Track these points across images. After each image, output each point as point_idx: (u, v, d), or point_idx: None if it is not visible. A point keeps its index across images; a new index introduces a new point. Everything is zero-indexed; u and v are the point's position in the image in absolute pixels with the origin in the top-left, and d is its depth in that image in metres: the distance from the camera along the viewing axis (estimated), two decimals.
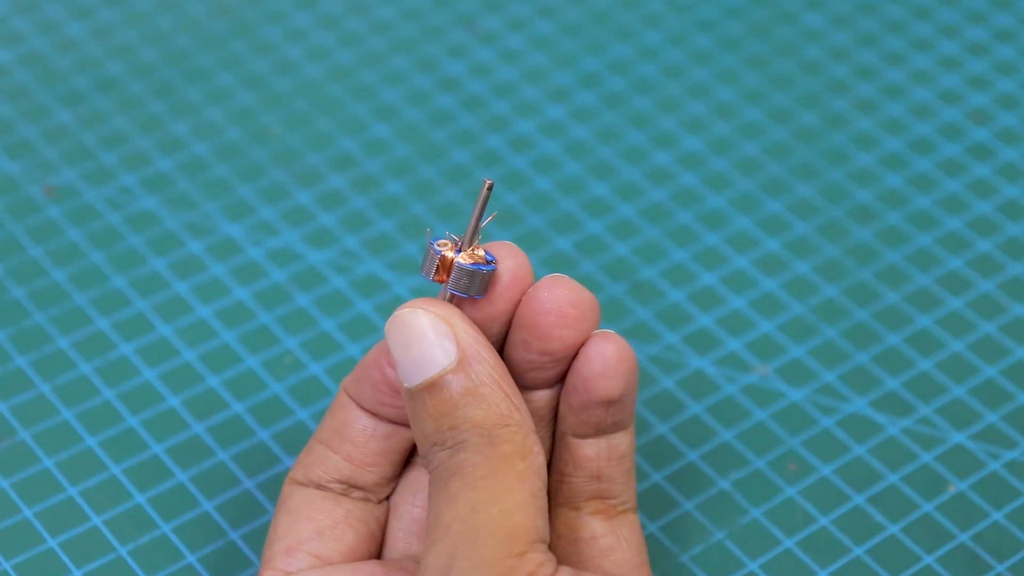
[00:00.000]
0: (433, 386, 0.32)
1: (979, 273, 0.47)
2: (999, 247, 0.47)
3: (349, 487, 0.35)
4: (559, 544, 0.35)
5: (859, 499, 0.41)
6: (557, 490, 0.35)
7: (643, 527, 0.40)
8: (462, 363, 0.32)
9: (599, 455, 0.35)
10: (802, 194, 0.49)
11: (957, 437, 0.42)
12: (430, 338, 0.32)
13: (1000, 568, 0.39)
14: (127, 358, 0.44)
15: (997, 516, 0.41)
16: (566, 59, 0.53)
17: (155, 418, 0.43)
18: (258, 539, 0.40)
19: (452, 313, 0.32)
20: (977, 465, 0.42)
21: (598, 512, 0.35)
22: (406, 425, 0.35)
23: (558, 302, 0.32)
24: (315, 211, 0.48)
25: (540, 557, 0.31)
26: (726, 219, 0.48)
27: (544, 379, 0.34)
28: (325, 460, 0.35)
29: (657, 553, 0.40)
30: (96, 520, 0.40)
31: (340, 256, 0.47)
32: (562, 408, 0.35)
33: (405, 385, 0.33)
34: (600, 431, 0.35)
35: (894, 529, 0.40)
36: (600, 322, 0.34)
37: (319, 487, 0.35)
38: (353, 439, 0.34)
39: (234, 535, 0.40)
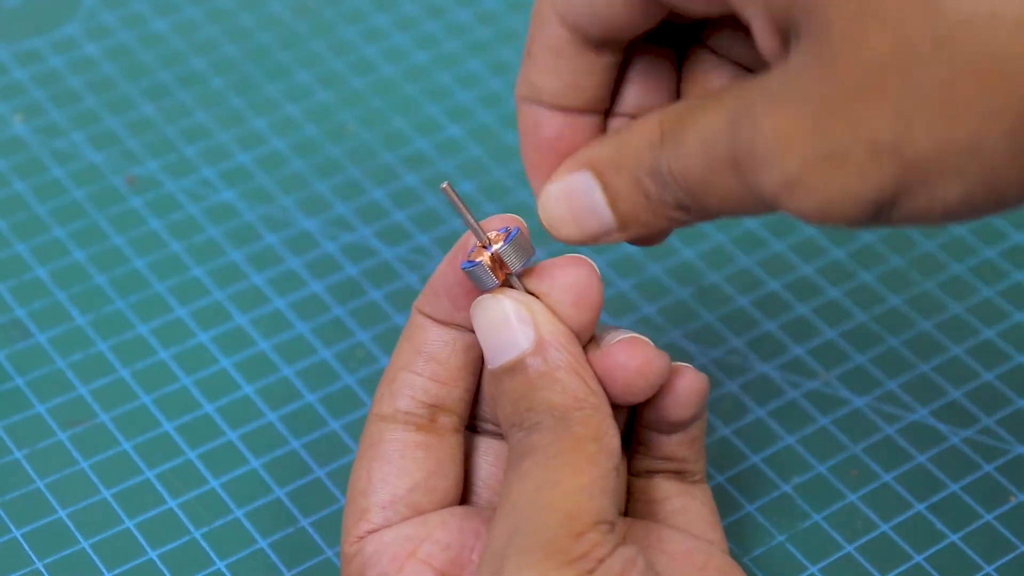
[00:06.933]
0: (512, 369, 0.33)
1: None
2: None
3: (437, 411, 0.35)
4: (633, 506, 0.36)
5: (920, 507, 0.41)
6: (630, 461, 0.36)
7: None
8: (540, 348, 0.33)
9: (672, 441, 0.36)
10: None
11: (1020, 448, 0.42)
12: (511, 323, 0.33)
13: None
14: (204, 346, 0.44)
15: None
16: None
17: (230, 405, 0.43)
18: (328, 527, 0.40)
19: (532, 301, 0.33)
20: None
21: (670, 479, 0.36)
22: None
23: (629, 372, 0.33)
24: (389, 208, 0.48)
25: (598, 538, 0.31)
26: (793, 227, 0.48)
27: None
28: (412, 384, 0.35)
29: None
30: (171, 503, 0.40)
31: (411, 253, 0.47)
32: (639, 409, 0.36)
33: (489, 367, 0.34)
34: (673, 431, 0.36)
35: (954, 538, 0.40)
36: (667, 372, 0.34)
37: (406, 420, 0.35)
38: (437, 356, 0.35)
39: (304, 522, 0.40)
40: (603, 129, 0.34)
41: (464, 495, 0.36)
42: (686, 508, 0.36)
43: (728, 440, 0.42)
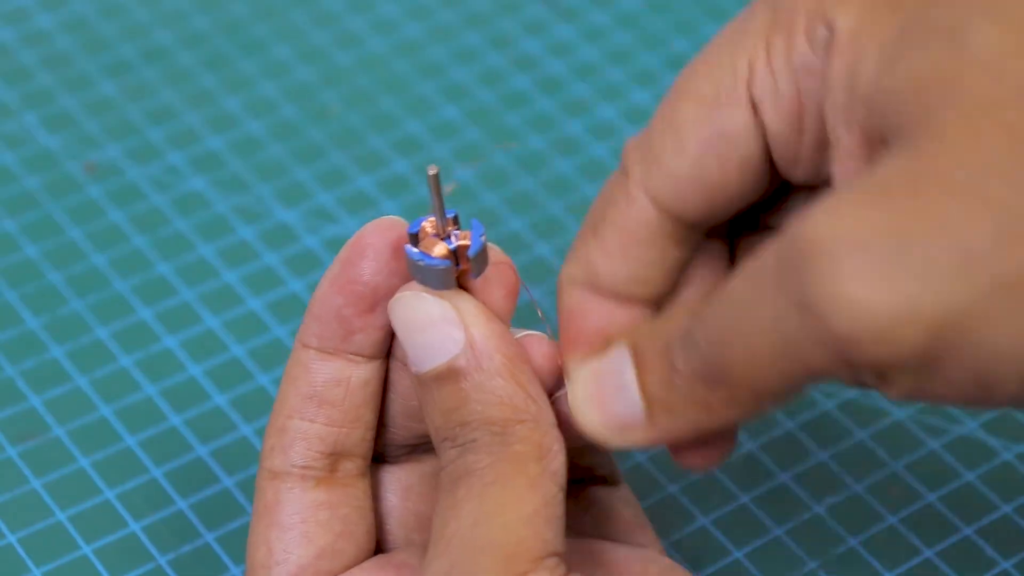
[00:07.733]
0: (441, 376, 0.31)
1: None
2: None
3: (338, 458, 0.33)
4: (593, 521, 0.35)
5: (968, 531, 0.40)
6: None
7: (729, 554, 0.39)
8: (472, 353, 0.31)
9: (574, 449, 0.34)
10: None
11: None
12: (438, 324, 0.31)
13: None
14: (171, 351, 0.43)
15: None
16: (653, 39, 0.52)
17: (200, 417, 0.42)
18: None
19: (461, 298, 0.32)
20: None
21: (583, 486, 0.36)
22: (378, 356, 0.34)
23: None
24: (377, 198, 0.48)
25: None
26: None
27: None
28: (305, 434, 0.33)
29: None
30: (134, 526, 0.39)
31: None
32: None
33: (413, 369, 0.32)
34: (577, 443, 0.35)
35: (1007, 565, 0.39)
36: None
37: (304, 476, 0.33)
38: (330, 398, 0.33)
39: None
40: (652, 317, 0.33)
41: (376, 539, 0.34)
42: (609, 515, 0.35)
43: (754, 456, 0.41)
